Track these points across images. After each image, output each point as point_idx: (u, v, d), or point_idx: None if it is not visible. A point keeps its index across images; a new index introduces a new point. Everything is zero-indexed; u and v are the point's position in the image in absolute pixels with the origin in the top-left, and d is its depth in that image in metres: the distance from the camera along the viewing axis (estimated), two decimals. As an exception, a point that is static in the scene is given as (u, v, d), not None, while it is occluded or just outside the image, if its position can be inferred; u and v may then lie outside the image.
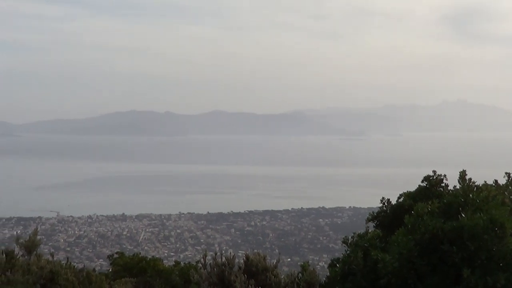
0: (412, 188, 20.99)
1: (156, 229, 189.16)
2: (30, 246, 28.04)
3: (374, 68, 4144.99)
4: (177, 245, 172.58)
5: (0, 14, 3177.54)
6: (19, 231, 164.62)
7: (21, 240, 28.37)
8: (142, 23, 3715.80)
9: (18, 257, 27.61)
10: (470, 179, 18.06)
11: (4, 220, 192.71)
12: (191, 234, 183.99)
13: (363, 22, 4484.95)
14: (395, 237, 17.02)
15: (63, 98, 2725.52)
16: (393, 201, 20.84)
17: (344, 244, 19.88)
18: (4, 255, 26.92)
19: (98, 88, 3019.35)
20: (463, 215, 16.52)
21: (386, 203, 20.89)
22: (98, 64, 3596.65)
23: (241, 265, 20.55)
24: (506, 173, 20.20)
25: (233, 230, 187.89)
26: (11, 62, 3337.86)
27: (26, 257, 27.89)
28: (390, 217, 20.32)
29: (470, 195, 17.25)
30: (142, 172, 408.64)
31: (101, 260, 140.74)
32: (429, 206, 17.42)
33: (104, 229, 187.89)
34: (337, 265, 18.81)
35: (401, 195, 20.77)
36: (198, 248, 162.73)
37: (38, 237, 28.78)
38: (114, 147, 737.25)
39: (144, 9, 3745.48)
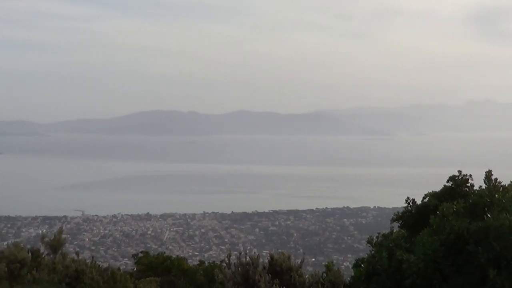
0: (438, 188, 20.87)
1: (181, 228, 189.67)
2: (56, 245, 28.23)
3: (399, 68, 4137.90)
4: (202, 245, 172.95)
5: (26, 14, 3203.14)
6: (44, 230, 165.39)
7: (46, 239, 28.57)
8: (168, 23, 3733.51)
9: (43, 256, 27.84)
10: (496, 179, 17.91)
11: (29, 219, 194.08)
12: (215, 234, 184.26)
13: (388, 21, 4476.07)
14: (420, 237, 16.93)
15: (89, 97, 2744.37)
16: (418, 201, 20.75)
17: (368, 244, 19.80)
18: (30, 253, 27.15)
19: (123, 88, 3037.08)
20: (489, 215, 16.40)
21: (411, 203, 20.80)
22: (124, 64, 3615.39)
23: (265, 265, 20.54)
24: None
25: (257, 229, 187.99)
26: (39, 62, 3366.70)
27: (51, 256, 28.09)
28: (415, 217, 20.23)
29: (496, 195, 17.12)
30: (166, 172, 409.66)
31: (126, 259, 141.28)
32: (455, 206, 17.32)
33: (128, 228, 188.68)
34: (362, 265, 18.74)
35: (426, 195, 20.67)
36: (223, 247, 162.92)
37: (63, 236, 28.98)
38: (138, 146, 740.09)
39: (169, 9, 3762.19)
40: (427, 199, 20.42)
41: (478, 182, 19.79)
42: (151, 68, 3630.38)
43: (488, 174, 17.97)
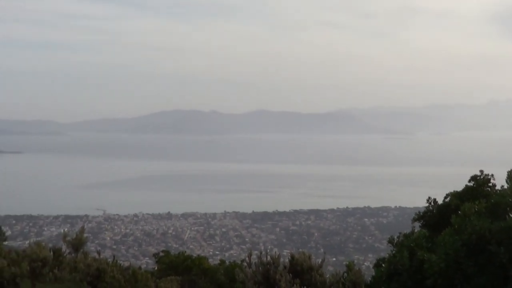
0: (459, 187, 20.82)
1: (202, 227, 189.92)
2: (77, 244, 28.40)
3: (420, 67, 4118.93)
4: (222, 244, 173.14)
5: (46, 15, 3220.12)
6: (66, 229, 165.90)
7: (68, 238, 28.73)
8: (189, 22, 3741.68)
9: (65, 254, 27.97)
10: (518, 178, 17.81)
11: (51, 218, 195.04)
12: (236, 233, 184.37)
13: (409, 20, 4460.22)
14: (441, 237, 16.88)
15: (110, 97, 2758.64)
16: (440, 201, 20.72)
17: (389, 244, 19.79)
18: (51, 252, 27.28)
19: (144, 88, 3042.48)
20: (511, 215, 16.33)
21: (432, 203, 20.77)
22: (144, 64, 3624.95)
23: (286, 264, 20.53)
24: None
25: (278, 229, 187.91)
26: (59, 62, 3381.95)
27: (73, 254, 28.25)
28: (437, 217, 20.19)
29: (518, 195, 17.03)
30: (187, 171, 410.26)
31: (147, 258, 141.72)
32: (476, 206, 17.26)
33: (150, 227, 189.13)
34: (383, 265, 18.71)
35: (447, 195, 20.64)
36: (243, 247, 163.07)
37: (85, 235, 29.12)
38: (159, 146, 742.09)
39: (190, 9, 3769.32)
40: (448, 198, 20.39)
41: (500, 182, 19.71)
42: (172, 68, 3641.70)
43: (510, 173, 17.87)
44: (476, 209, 17.11)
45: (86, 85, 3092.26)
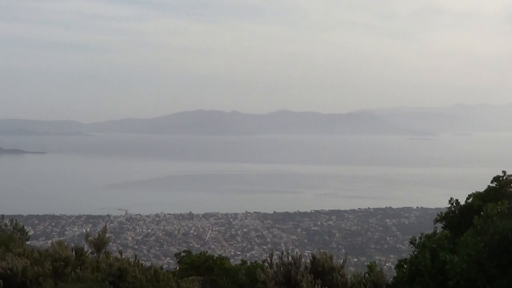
0: (481, 188, 20.72)
1: (223, 228, 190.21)
2: (99, 244, 28.46)
3: (442, 67, 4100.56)
4: (244, 244, 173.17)
5: (69, 16, 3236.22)
6: (88, 229, 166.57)
7: (90, 238, 28.81)
8: (211, 23, 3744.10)
9: (87, 254, 28.06)
10: (541, 179, 17.71)
11: (73, 218, 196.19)
12: (257, 233, 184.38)
13: (432, 21, 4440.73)
14: (463, 238, 16.80)
15: (132, 98, 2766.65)
16: (462, 202, 20.63)
17: (411, 245, 19.72)
18: (74, 252, 27.40)
19: (166, 88, 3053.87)
20: (534, 216, 16.21)
21: (454, 204, 20.69)
22: (166, 64, 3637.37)
23: (307, 265, 20.49)
24: None
25: (299, 229, 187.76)
26: (82, 63, 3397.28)
27: (95, 254, 28.33)
28: (459, 217, 20.10)
29: (542, 196, 16.93)
30: (209, 171, 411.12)
31: (169, 258, 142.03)
32: (499, 207, 17.16)
33: (171, 227, 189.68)
34: (405, 265, 18.66)
35: (470, 196, 20.54)
36: (265, 247, 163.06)
37: (107, 235, 29.17)
38: (181, 146, 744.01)
39: (211, 9, 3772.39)
40: (470, 199, 20.30)
41: (523, 182, 19.55)
42: (194, 68, 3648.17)
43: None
44: (499, 210, 17.02)
45: (108, 85, 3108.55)
